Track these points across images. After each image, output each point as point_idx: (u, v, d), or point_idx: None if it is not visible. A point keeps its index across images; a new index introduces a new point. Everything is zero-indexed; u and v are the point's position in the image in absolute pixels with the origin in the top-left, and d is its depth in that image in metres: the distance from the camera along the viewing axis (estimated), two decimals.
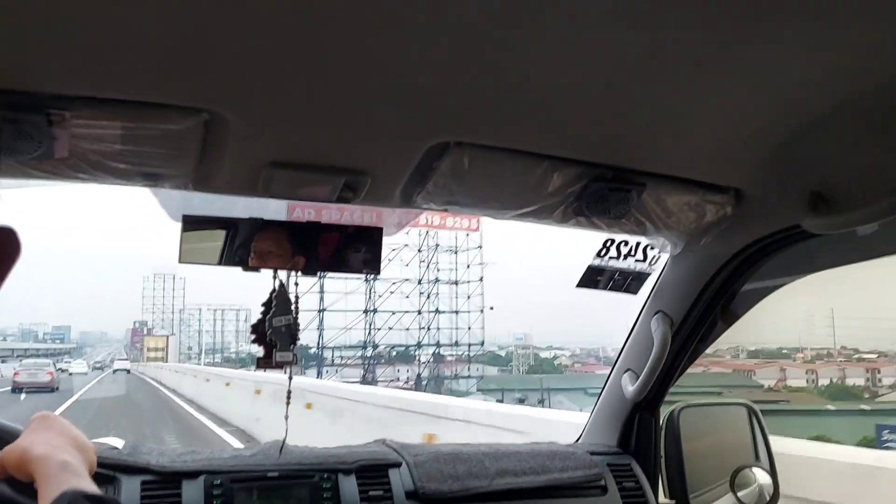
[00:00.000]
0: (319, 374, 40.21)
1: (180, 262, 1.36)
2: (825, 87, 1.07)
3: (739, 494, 1.88)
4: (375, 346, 46.90)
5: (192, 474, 1.50)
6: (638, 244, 1.68)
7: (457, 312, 47.83)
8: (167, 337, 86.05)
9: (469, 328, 47.75)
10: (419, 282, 47.02)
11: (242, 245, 1.40)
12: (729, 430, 2.06)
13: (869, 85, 1.06)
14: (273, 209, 1.41)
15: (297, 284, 1.45)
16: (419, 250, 46.77)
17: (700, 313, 1.73)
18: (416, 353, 47.83)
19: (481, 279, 47.69)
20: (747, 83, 1.06)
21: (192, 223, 1.36)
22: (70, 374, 45.69)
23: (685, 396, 2.03)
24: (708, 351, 1.93)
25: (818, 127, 1.18)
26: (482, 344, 49.11)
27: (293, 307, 1.44)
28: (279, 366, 1.41)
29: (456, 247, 47.86)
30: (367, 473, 1.61)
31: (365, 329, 46.00)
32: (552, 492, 1.72)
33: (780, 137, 1.24)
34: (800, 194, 1.32)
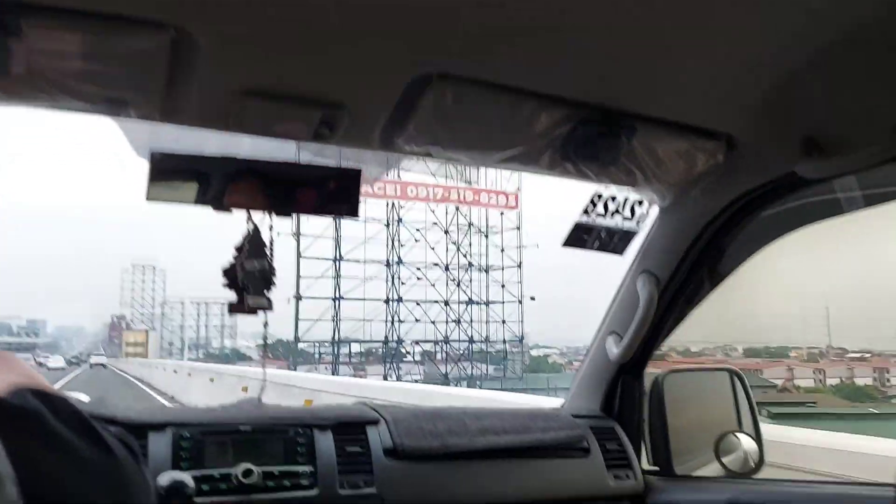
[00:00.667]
0: (336, 371, 35.79)
1: (147, 199, 1.29)
2: (823, 19, 1.03)
3: (724, 460, 1.85)
4: (400, 342, 39.14)
5: (160, 426, 1.44)
6: (626, 200, 1.64)
7: (487, 304, 39.88)
8: (146, 332, 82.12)
9: (504, 322, 39.71)
10: (446, 268, 38.89)
11: (214, 184, 1.33)
12: (714, 396, 2.02)
13: (868, 17, 1.02)
14: (247, 148, 1.35)
15: (271, 228, 1.39)
16: (446, 231, 38.68)
17: (687, 272, 1.70)
18: (443, 349, 40.26)
19: (520, 265, 39.60)
20: (742, 18, 1.03)
21: (160, 160, 1.30)
22: (48, 368, 45.46)
23: None
24: (695, 350, 1.90)
25: (814, 67, 1.15)
26: (522, 339, 41.19)
27: (267, 251, 1.38)
28: (252, 311, 1.35)
29: (487, 227, 39.60)
30: (344, 430, 1.56)
31: (387, 321, 38.31)
32: (534, 452, 1.68)
33: (774, 80, 1.20)
34: (793, 140, 1.29)
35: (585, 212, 1.66)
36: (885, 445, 2.78)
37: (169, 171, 1.32)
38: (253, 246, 1.36)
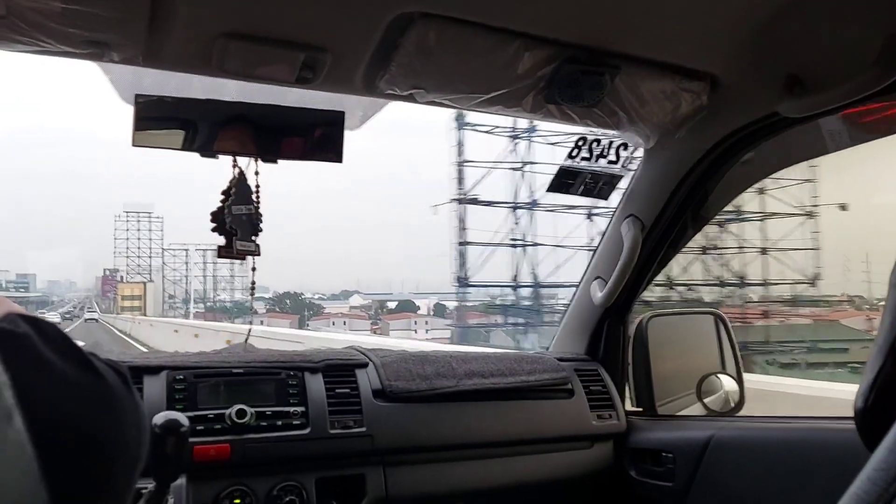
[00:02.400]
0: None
1: (133, 145, 1.30)
2: None
3: (706, 401, 1.90)
4: (539, 285, 27.87)
5: (154, 369, 1.47)
6: (611, 143, 1.65)
7: None
8: (144, 284, 72.86)
9: None
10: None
11: (202, 130, 1.34)
12: (697, 339, 2.07)
13: None
14: (231, 92, 1.35)
15: (257, 174, 1.40)
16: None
17: (672, 215, 1.71)
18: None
19: None
20: None
21: (145, 104, 1.30)
22: None
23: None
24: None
25: (796, 4, 1.15)
26: None
27: (254, 196, 1.39)
28: (240, 255, 1.37)
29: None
30: (333, 372, 1.60)
31: (514, 264, 27.39)
32: (519, 393, 1.73)
33: (757, 18, 1.21)
34: (776, 78, 1.30)
35: (570, 156, 1.67)
36: None
37: (155, 117, 1.32)
38: (239, 191, 1.38)
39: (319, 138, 1.38)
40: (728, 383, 1.92)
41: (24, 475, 0.43)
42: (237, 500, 1.41)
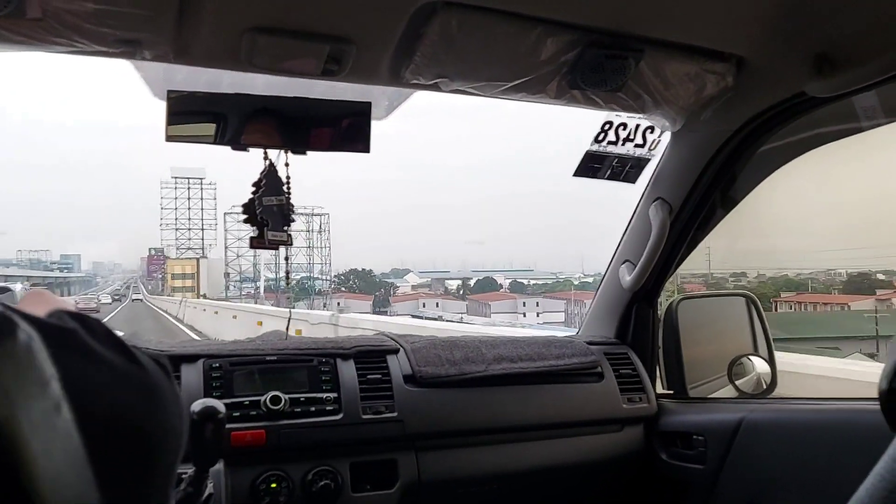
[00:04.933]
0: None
1: (167, 139, 1.34)
2: None
3: (737, 383, 1.90)
4: None
5: (191, 358, 1.51)
6: (637, 127, 1.65)
7: None
8: (196, 260, 62.54)
9: None
10: None
11: (231, 124, 1.37)
12: (728, 322, 2.06)
13: None
14: (259, 86, 1.37)
15: (287, 165, 1.42)
16: None
17: (700, 197, 1.70)
18: None
19: None
20: None
21: (177, 99, 1.33)
22: (101, 303, 47.95)
23: None
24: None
25: None
26: None
27: (285, 187, 1.42)
28: (272, 245, 1.40)
29: None
30: (365, 358, 1.63)
31: None
32: (548, 378, 1.74)
33: None
34: (804, 57, 1.28)
35: (597, 140, 1.67)
36: None
37: (186, 112, 1.36)
38: (270, 182, 1.40)
39: (347, 129, 1.40)
40: (760, 365, 1.91)
41: (73, 463, 0.46)
42: (273, 485, 1.45)
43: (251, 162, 1.39)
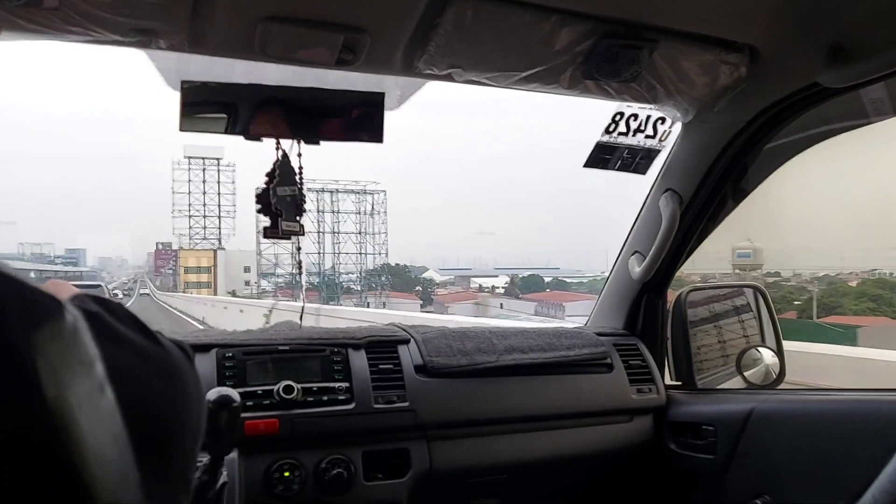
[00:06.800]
0: None
1: (180, 129, 1.34)
2: None
3: (746, 374, 1.90)
4: None
5: (205, 347, 1.52)
6: (648, 117, 1.64)
7: None
8: (214, 252, 53.68)
9: None
10: None
11: (243, 114, 1.37)
12: (737, 313, 2.06)
13: None
14: (272, 76, 1.37)
15: (300, 155, 1.43)
16: None
17: (710, 189, 1.70)
18: None
19: None
20: None
21: (190, 89, 1.33)
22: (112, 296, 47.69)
23: None
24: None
25: None
26: None
27: (298, 178, 1.42)
28: (286, 235, 1.41)
29: None
30: (376, 348, 1.63)
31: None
32: (559, 368, 1.74)
33: None
34: (818, 48, 1.28)
35: (607, 131, 1.67)
36: None
37: (200, 102, 1.36)
38: (283, 172, 1.41)
39: (359, 119, 1.41)
40: (768, 356, 1.92)
41: (116, 441, 0.47)
42: (287, 473, 1.45)
43: (270, 143, 1.39)
